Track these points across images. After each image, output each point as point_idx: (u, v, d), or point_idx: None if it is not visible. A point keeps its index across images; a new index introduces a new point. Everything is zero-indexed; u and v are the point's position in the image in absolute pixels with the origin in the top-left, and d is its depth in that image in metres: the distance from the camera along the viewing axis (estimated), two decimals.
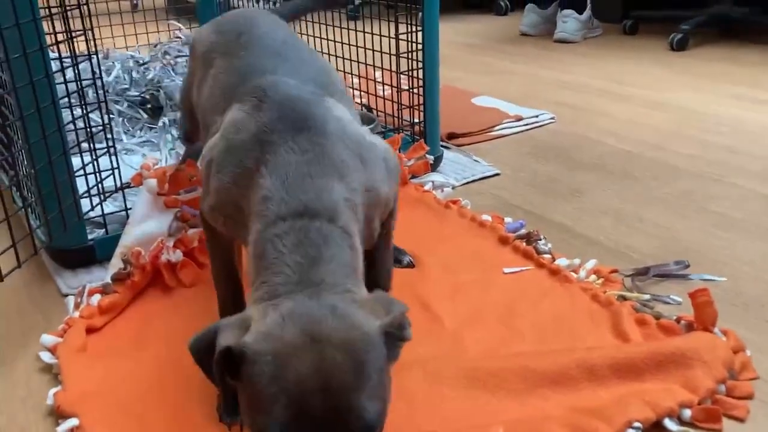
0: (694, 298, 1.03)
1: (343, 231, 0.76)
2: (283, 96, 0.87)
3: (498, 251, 1.35)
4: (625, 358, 0.98)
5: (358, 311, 0.67)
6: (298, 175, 0.78)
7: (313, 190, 0.77)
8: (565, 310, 1.15)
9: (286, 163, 0.79)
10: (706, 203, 1.56)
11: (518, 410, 0.94)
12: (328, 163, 0.80)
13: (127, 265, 1.21)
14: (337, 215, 0.76)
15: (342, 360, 0.62)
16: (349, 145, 0.85)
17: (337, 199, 0.77)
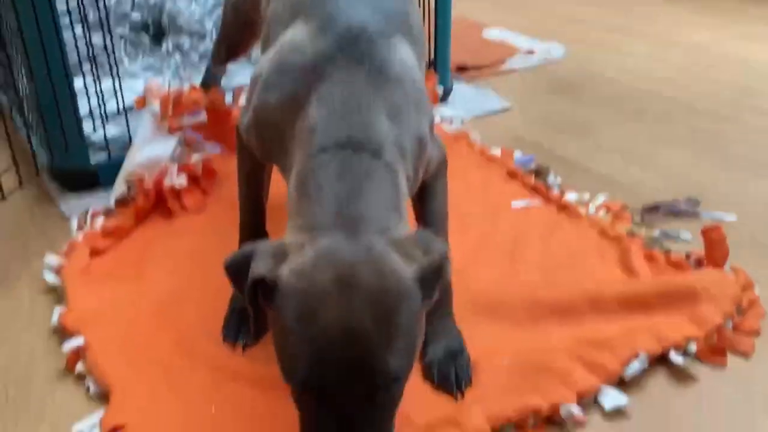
0: (707, 235, 1.01)
1: (387, 167, 0.72)
2: (348, 25, 0.80)
3: (506, 185, 1.33)
4: (632, 292, 0.97)
5: (394, 254, 0.65)
6: (347, 108, 0.74)
7: (361, 123, 0.73)
8: (573, 245, 1.14)
9: (337, 95, 0.75)
10: (719, 142, 1.54)
11: (524, 340, 0.94)
12: (380, 101, 0.76)
13: (130, 190, 1.19)
14: (382, 150, 0.73)
15: (370, 311, 0.61)
16: (407, 90, 0.80)
17: (384, 136, 0.74)
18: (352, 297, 0.61)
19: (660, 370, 0.90)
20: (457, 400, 0.84)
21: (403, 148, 0.76)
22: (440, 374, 0.87)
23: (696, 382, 0.88)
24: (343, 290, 0.61)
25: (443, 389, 0.86)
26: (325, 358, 0.60)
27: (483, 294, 1.01)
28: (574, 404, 0.82)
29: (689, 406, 0.84)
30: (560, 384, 0.84)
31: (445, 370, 0.87)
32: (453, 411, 0.82)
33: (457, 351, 0.89)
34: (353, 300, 0.61)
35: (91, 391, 0.86)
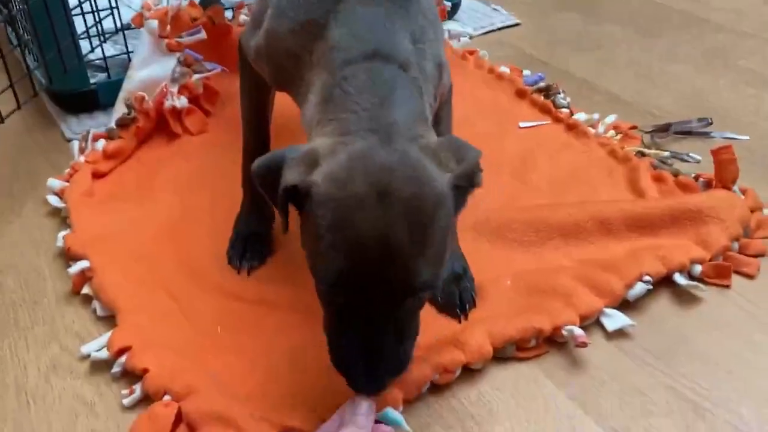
0: (717, 155, 0.99)
1: (414, 81, 0.71)
2: None
3: (515, 104, 1.30)
4: (640, 213, 0.96)
5: (428, 161, 0.63)
6: (370, 27, 0.72)
7: (387, 36, 0.71)
8: (582, 164, 1.13)
9: (358, 16, 0.73)
10: (735, 59, 1.49)
11: (528, 261, 0.94)
12: (402, 23, 0.74)
13: (130, 111, 1.17)
14: (409, 65, 0.71)
15: (406, 219, 0.60)
16: (427, 14, 0.78)
17: (409, 54, 0.72)
18: (388, 204, 0.60)
19: (664, 292, 0.90)
20: (460, 322, 0.85)
21: (425, 71, 0.75)
22: (444, 297, 0.87)
23: (699, 303, 0.88)
24: (380, 197, 0.60)
25: (447, 312, 0.86)
26: (359, 262, 0.60)
27: (489, 215, 1.00)
28: (576, 326, 0.82)
29: (691, 327, 0.85)
30: (564, 305, 0.84)
31: (449, 293, 0.87)
32: (455, 332, 0.82)
33: (461, 273, 0.89)
34: (389, 207, 0.60)
35: (98, 313, 0.87)
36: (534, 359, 0.81)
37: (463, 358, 0.78)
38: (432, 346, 0.80)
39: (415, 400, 0.75)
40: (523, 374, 0.79)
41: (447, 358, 0.77)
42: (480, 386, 0.77)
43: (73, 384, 0.79)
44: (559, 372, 0.79)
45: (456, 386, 0.77)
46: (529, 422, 0.73)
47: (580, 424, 0.73)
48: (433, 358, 0.77)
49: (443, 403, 0.75)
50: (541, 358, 0.81)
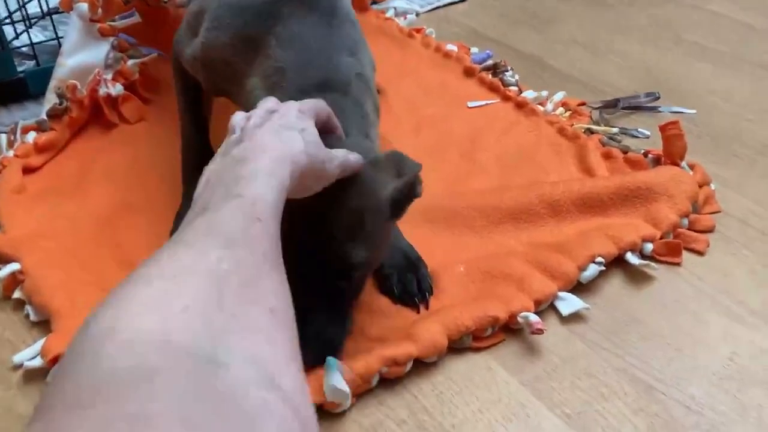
0: (664, 131, 0.99)
1: (354, 102, 0.79)
2: None
3: (463, 84, 1.28)
4: (589, 192, 0.95)
5: (374, 175, 0.70)
6: (312, 49, 0.79)
7: (330, 64, 0.79)
8: (530, 143, 1.11)
9: (298, 36, 0.80)
10: (682, 32, 1.49)
11: (480, 247, 0.93)
12: (339, 40, 0.82)
13: (62, 100, 1.11)
14: (349, 88, 0.79)
15: (341, 211, 0.68)
16: (356, 26, 0.88)
17: (349, 74, 0.80)
18: (328, 202, 0.67)
19: (616, 272, 0.89)
20: (419, 312, 0.83)
21: (367, 79, 0.84)
22: (401, 286, 0.84)
23: (651, 282, 0.88)
24: (321, 195, 0.65)
25: (405, 302, 0.84)
26: (294, 235, 0.61)
27: (438, 199, 0.98)
28: (531, 312, 0.81)
29: (643, 306, 0.84)
30: (518, 291, 0.83)
31: (407, 281, 0.85)
32: (407, 324, 0.80)
33: (416, 261, 0.87)
34: (331, 206, 0.67)
35: (32, 318, 0.82)
36: (489, 348, 0.79)
37: (414, 351, 0.75)
38: (383, 338, 0.78)
39: (366, 394, 0.73)
40: (477, 363, 0.77)
41: (398, 351, 0.75)
42: (433, 377, 0.76)
43: (5, 396, 0.74)
44: (512, 359, 0.78)
45: (408, 379, 0.75)
46: (482, 412, 0.72)
47: (533, 411, 0.72)
48: (382, 350, 0.74)
49: (395, 397, 0.73)
50: (495, 346, 0.80)
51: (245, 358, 0.36)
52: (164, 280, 0.40)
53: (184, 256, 0.43)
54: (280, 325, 0.42)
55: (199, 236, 0.46)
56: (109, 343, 0.35)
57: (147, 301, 0.38)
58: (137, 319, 0.37)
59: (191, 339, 0.36)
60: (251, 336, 0.38)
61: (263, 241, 0.47)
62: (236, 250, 0.44)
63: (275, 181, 0.53)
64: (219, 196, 0.50)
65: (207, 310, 0.38)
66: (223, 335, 0.37)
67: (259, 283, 0.43)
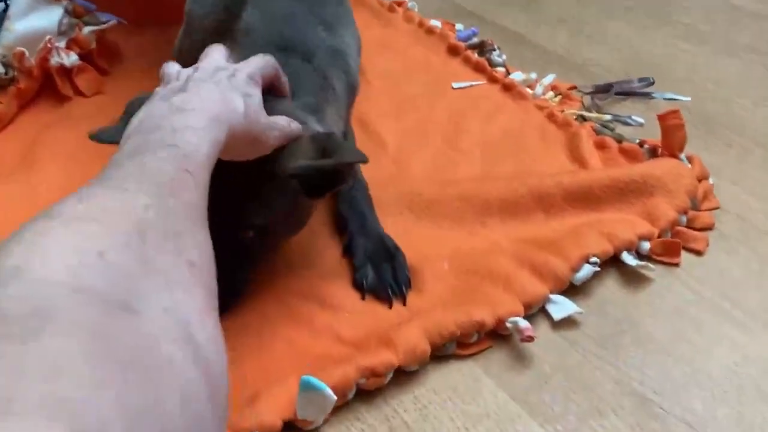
0: (664, 121, 0.92)
1: (315, 70, 0.76)
2: None
3: (447, 62, 1.21)
4: (582, 185, 0.89)
5: (293, 145, 0.68)
6: (284, 16, 0.79)
7: (297, 31, 0.77)
8: (518, 129, 1.04)
9: (272, 4, 0.80)
10: (673, 13, 1.43)
11: (464, 241, 0.86)
12: (314, 13, 0.80)
13: (8, 69, 1.01)
14: (313, 57, 0.76)
15: (245, 183, 0.66)
16: (344, 4, 0.88)
17: (317, 44, 0.78)
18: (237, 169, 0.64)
19: (609, 272, 0.83)
20: (391, 307, 0.75)
21: (342, 54, 0.81)
22: (375, 277, 0.77)
23: (647, 283, 0.82)
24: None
25: (378, 295, 0.77)
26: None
27: (419, 187, 0.90)
28: (520, 317, 0.74)
29: (639, 310, 0.79)
30: (505, 292, 0.76)
31: (381, 273, 0.77)
32: (383, 325, 0.73)
33: (393, 250, 0.80)
34: (238, 164, 0.64)
35: None
36: (475, 355, 0.73)
37: (394, 360, 0.68)
38: (359, 344, 0.71)
39: (342, 408, 0.66)
40: (463, 373, 0.71)
41: (376, 360, 0.67)
42: (414, 389, 0.69)
43: None
44: (500, 369, 0.71)
45: (387, 390, 0.68)
46: (468, 428, 0.66)
47: (524, 428, 0.66)
48: (359, 359, 0.67)
49: (373, 412, 0.67)
50: (481, 354, 0.73)
51: (160, 309, 0.35)
52: (84, 222, 0.38)
53: (109, 197, 0.41)
54: (200, 280, 0.41)
55: (128, 179, 0.44)
56: (13, 284, 0.32)
57: (62, 242, 0.36)
58: (49, 259, 0.34)
59: (104, 285, 0.34)
60: (169, 287, 0.37)
61: (192, 193, 0.46)
62: (164, 199, 0.43)
63: (210, 136, 0.53)
64: (153, 142, 0.49)
65: (125, 256, 0.36)
66: (139, 284, 0.35)
67: (182, 236, 0.42)
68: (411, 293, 0.77)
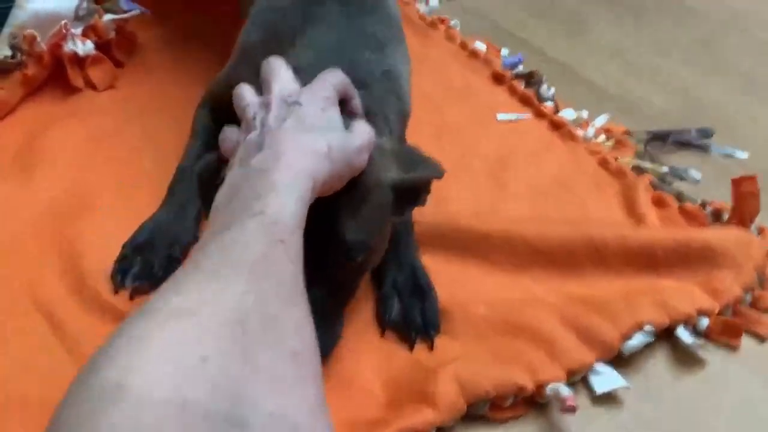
0: (738, 187, 0.84)
1: (371, 101, 0.70)
2: None
3: (491, 91, 1.11)
4: (643, 243, 0.80)
5: (380, 157, 0.63)
6: (333, 48, 0.73)
7: (348, 61, 0.70)
8: (568, 173, 0.96)
9: (321, 35, 0.74)
10: (728, 57, 1.34)
11: (506, 288, 0.78)
12: (361, 34, 0.76)
13: (16, 53, 0.91)
14: (365, 85, 0.70)
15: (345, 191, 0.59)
16: (392, 18, 0.83)
17: (371, 70, 0.73)
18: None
19: (661, 346, 0.75)
20: (412, 349, 0.69)
21: (396, 75, 0.76)
22: (401, 312, 0.71)
23: (702, 365, 0.74)
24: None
25: (401, 332, 0.70)
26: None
27: (462, 225, 0.82)
28: (562, 384, 0.66)
29: (693, 395, 0.71)
30: (548, 355, 0.69)
31: (408, 308, 0.71)
32: (415, 374, 0.66)
33: (425, 288, 0.73)
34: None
35: None
36: (507, 422, 0.66)
37: (436, 418, 0.62)
38: (395, 402, 0.64)
39: None
40: None
41: (416, 419, 0.61)
42: None
43: None
44: None
45: None
46: None
47: None
48: (398, 419, 0.61)
49: None
50: (514, 420, 0.66)
51: (268, 415, 0.34)
52: (182, 320, 0.36)
53: (205, 288, 0.39)
54: (305, 370, 0.38)
55: (220, 264, 0.42)
56: (113, 409, 0.30)
57: (162, 348, 0.34)
58: (149, 372, 0.32)
59: (209, 397, 0.32)
60: (275, 387, 0.35)
61: (287, 266, 0.44)
62: (260, 281, 0.41)
63: (297, 194, 0.50)
64: (239, 214, 0.47)
65: (228, 360, 0.35)
66: (245, 390, 0.34)
67: (281, 321, 0.39)
68: (441, 337, 0.70)
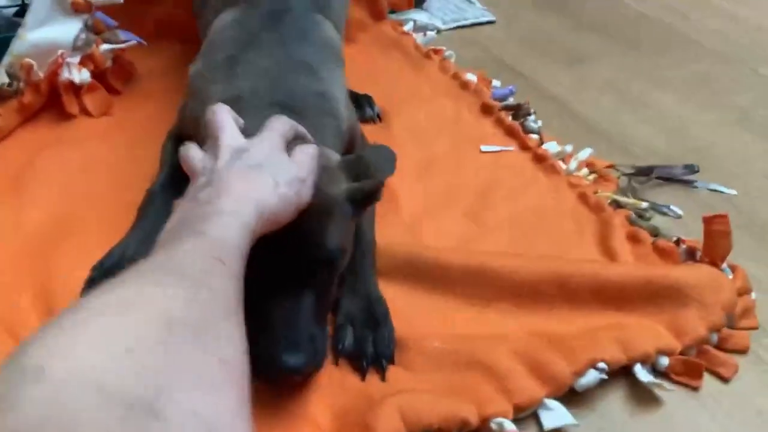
0: (709, 225, 0.83)
1: (312, 125, 0.73)
2: (272, 5, 0.86)
3: (478, 122, 1.13)
4: (610, 280, 0.79)
5: (327, 175, 0.68)
6: (270, 75, 0.78)
7: (285, 86, 0.77)
8: (547, 207, 0.96)
9: (258, 62, 0.80)
10: (726, 93, 1.34)
11: (467, 322, 0.78)
12: (296, 59, 0.81)
13: (13, 81, 0.95)
14: (306, 111, 0.75)
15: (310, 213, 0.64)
16: (329, 48, 0.87)
17: (305, 94, 0.77)
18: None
19: (616, 384, 0.74)
20: (363, 379, 0.69)
21: (330, 98, 0.79)
22: (354, 343, 0.71)
23: (660, 406, 0.73)
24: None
25: (353, 362, 0.71)
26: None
27: (429, 253, 0.82)
28: (507, 420, 0.66)
29: None
30: (497, 389, 0.69)
31: (361, 338, 0.71)
32: (362, 405, 0.66)
33: (380, 318, 0.73)
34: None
35: None
36: None
37: None
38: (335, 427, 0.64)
39: None
40: None
41: None
42: None
43: None
44: None
45: None
46: None
47: None
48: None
49: None
50: None
51: (187, 412, 0.34)
52: (110, 316, 0.37)
53: (136, 291, 0.41)
54: (231, 378, 0.39)
55: (156, 271, 0.44)
56: (33, 387, 0.32)
57: (86, 338, 0.35)
58: (72, 358, 0.34)
59: (129, 385, 0.33)
60: (197, 388, 0.36)
61: (223, 283, 0.45)
62: (193, 291, 0.42)
63: (239, 222, 0.52)
64: (182, 233, 0.49)
65: (152, 354, 0.36)
66: (166, 384, 0.34)
67: (213, 330, 0.41)
68: (393, 368, 0.71)
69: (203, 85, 0.81)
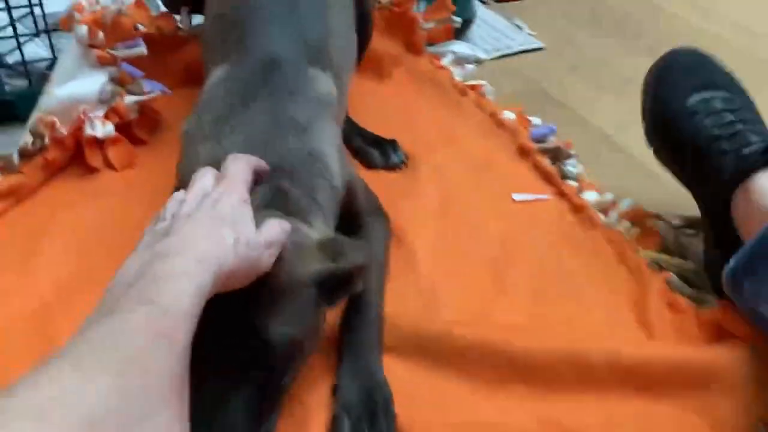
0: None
1: (301, 186, 0.73)
2: (263, 58, 0.83)
3: (514, 166, 1.06)
4: (637, 361, 0.72)
5: (296, 251, 0.63)
6: (257, 135, 0.76)
7: (273, 148, 0.74)
8: (579, 268, 0.88)
9: (247, 122, 0.78)
10: None
11: (477, 408, 0.71)
12: (285, 118, 0.78)
13: (36, 140, 0.96)
14: (296, 173, 0.73)
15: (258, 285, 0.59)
16: (321, 104, 0.83)
17: (295, 155, 0.75)
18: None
19: None
20: None
21: (319, 155, 0.77)
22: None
23: None
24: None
25: None
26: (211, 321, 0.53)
27: (442, 331, 0.75)
28: None
29: None
30: None
31: (360, 429, 0.66)
32: None
33: (381, 408, 0.68)
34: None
35: None
36: None
37: None
38: None
39: None
40: None
41: None
42: None
43: None
44: None
45: None
46: None
47: None
48: None
49: None
50: None
51: None
52: (30, 420, 0.36)
53: (64, 383, 0.39)
54: None
55: (91, 355, 0.41)
56: None
57: None
58: None
59: None
60: None
61: (165, 362, 0.43)
62: (130, 378, 0.40)
63: (194, 286, 0.49)
64: (129, 299, 0.47)
65: None
66: None
67: (149, 421, 0.39)
68: None
69: (192, 145, 0.79)
